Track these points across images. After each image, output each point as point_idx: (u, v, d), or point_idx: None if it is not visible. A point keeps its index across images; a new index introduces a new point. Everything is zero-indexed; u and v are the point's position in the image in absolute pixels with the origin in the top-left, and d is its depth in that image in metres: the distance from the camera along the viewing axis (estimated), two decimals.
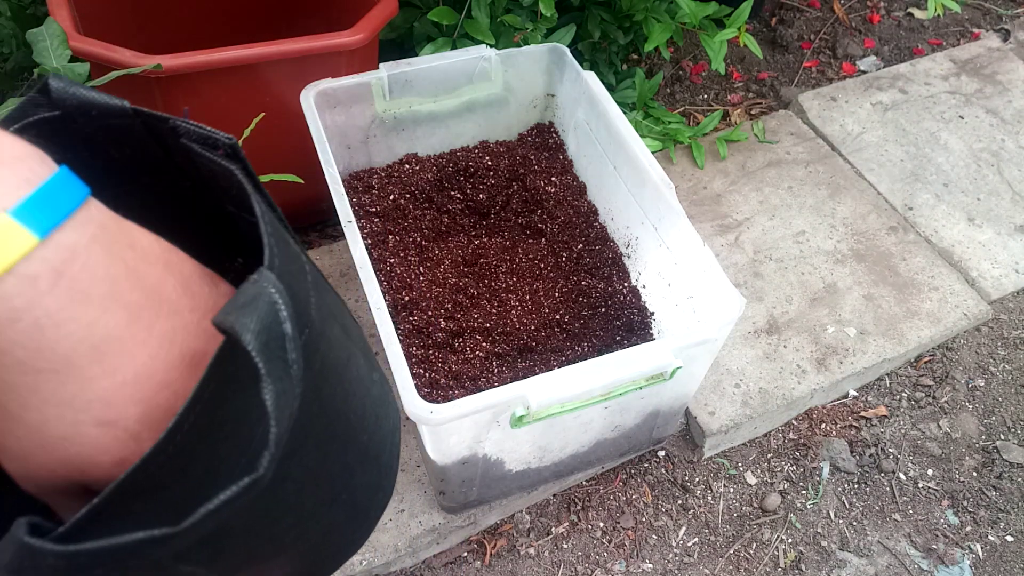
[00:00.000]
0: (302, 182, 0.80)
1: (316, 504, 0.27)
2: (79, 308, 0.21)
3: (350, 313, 0.33)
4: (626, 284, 0.94)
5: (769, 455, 0.98)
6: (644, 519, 0.92)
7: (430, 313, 0.86)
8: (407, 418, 0.64)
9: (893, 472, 0.97)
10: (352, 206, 0.92)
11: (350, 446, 0.28)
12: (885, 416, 1.02)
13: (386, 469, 0.33)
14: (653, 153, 1.00)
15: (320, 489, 0.27)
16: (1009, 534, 0.93)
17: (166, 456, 0.22)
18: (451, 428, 0.67)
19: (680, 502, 0.93)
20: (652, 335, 0.91)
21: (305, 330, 0.25)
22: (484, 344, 0.86)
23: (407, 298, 0.87)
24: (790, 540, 0.91)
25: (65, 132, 0.27)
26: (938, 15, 1.21)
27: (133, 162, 0.29)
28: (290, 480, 0.25)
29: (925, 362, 1.07)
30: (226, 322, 0.21)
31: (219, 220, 0.32)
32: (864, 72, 1.45)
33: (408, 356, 0.82)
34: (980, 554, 0.91)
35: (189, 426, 0.22)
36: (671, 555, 0.89)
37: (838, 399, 1.03)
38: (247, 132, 0.74)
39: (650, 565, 0.88)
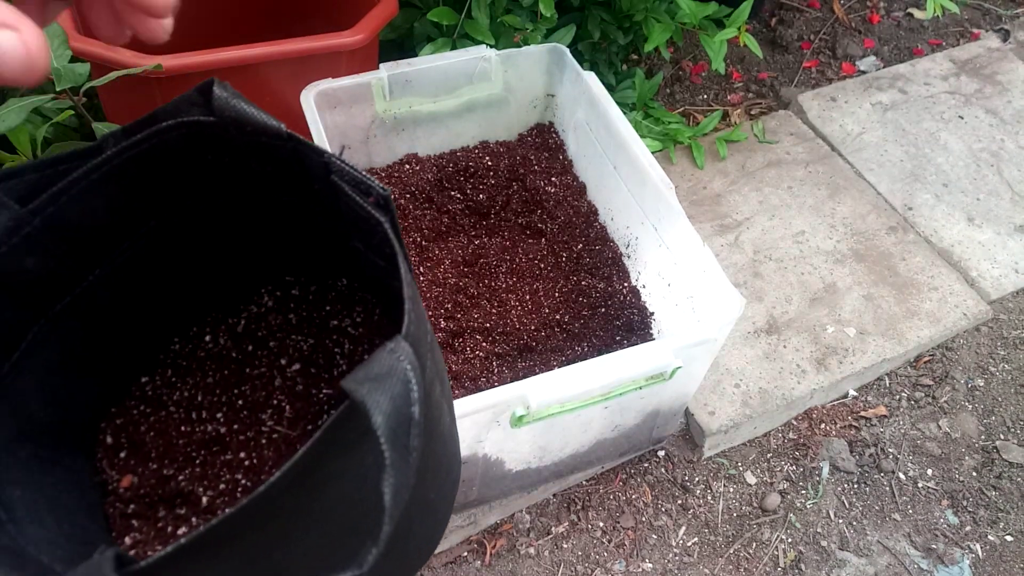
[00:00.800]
0: None
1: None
2: None
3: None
4: (626, 284, 0.94)
5: (769, 455, 0.98)
6: (644, 519, 0.92)
7: (430, 313, 0.86)
8: None
9: (893, 472, 0.97)
10: None
11: (419, 502, 0.28)
12: (885, 416, 1.02)
13: (442, 521, 0.33)
14: (653, 153, 1.00)
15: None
16: (1009, 534, 0.93)
17: (262, 504, 0.22)
18: None
19: (680, 502, 0.93)
20: (652, 335, 0.91)
21: None
22: (484, 344, 0.86)
23: None
24: (790, 540, 0.91)
25: (215, 137, 0.28)
26: (937, 15, 1.21)
27: (272, 178, 0.30)
28: None
29: (925, 362, 1.07)
30: (358, 393, 0.21)
31: (335, 243, 0.31)
32: (864, 72, 1.46)
33: None
34: (980, 554, 0.91)
35: (289, 482, 0.22)
36: (671, 555, 0.89)
37: (838, 399, 1.03)
38: None
39: (650, 565, 0.88)
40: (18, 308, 0.30)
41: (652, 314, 0.92)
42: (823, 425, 1.01)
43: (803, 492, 0.95)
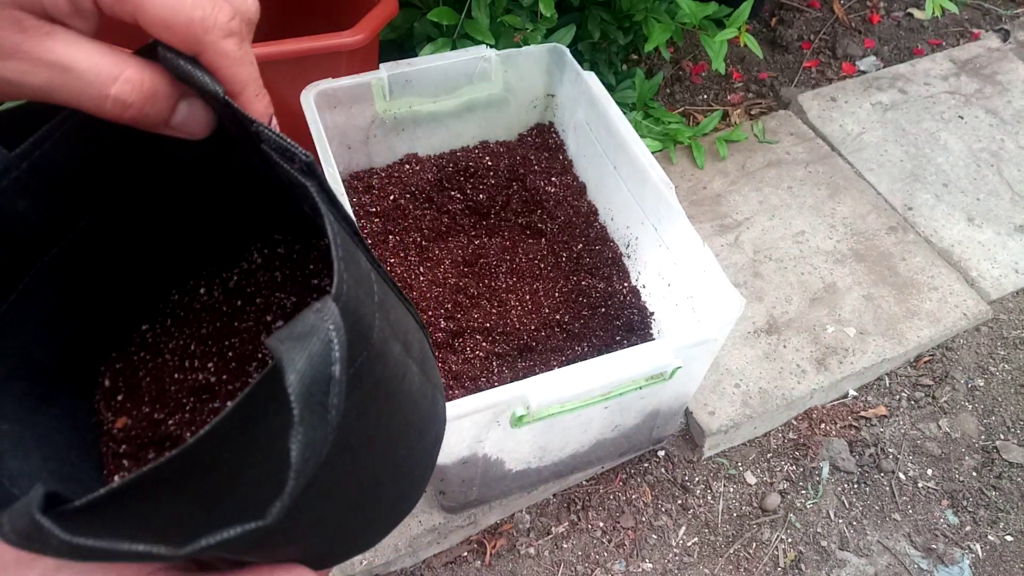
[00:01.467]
0: None
1: (338, 510, 0.28)
2: None
3: (417, 322, 0.33)
4: (626, 284, 0.94)
5: (769, 455, 0.98)
6: (644, 519, 0.92)
7: (430, 313, 0.86)
8: None
9: (893, 472, 0.97)
10: (352, 206, 0.92)
11: (385, 460, 0.28)
12: (885, 416, 1.02)
13: (418, 481, 0.33)
14: (653, 153, 1.00)
15: (346, 498, 0.27)
16: (1009, 534, 0.93)
17: (197, 455, 0.22)
18: (451, 428, 0.67)
19: (680, 502, 0.93)
20: (652, 335, 0.91)
21: (363, 353, 0.25)
22: (484, 344, 0.86)
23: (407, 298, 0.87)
24: (790, 540, 0.91)
25: None
26: (937, 15, 1.21)
27: (232, 137, 0.30)
28: (315, 488, 0.24)
29: (925, 362, 1.07)
30: (277, 350, 0.21)
31: (296, 207, 0.32)
32: (864, 72, 1.46)
33: None
34: (980, 554, 0.91)
35: (225, 432, 0.22)
36: (671, 555, 0.89)
37: (838, 399, 1.03)
38: None
39: (650, 565, 0.88)
40: (14, 252, 0.31)
41: (652, 314, 0.92)
42: (823, 425, 1.00)
43: (803, 492, 0.95)
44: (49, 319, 0.34)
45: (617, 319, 0.90)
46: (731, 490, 0.95)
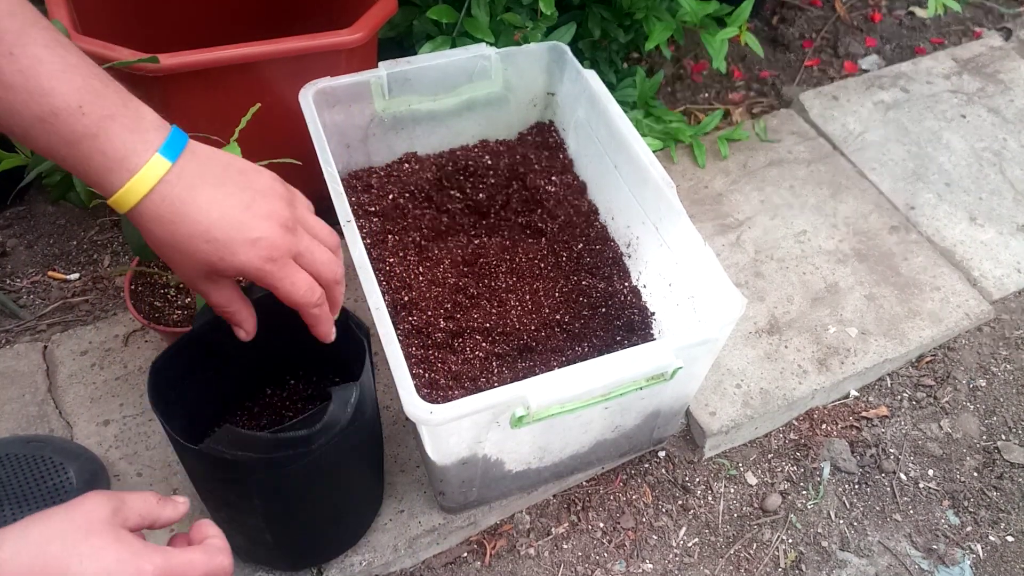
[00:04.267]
0: (300, 163, 0.79)
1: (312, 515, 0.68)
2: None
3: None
4: (626, 284, 0.94)
5: (770, 455, 0.98)
6: (644, 519, 0.91)
7: (430, 313, 0.86)
8: (407, 419, 0.63)
9: (894, 472, 0.97)
10: (351, 205, 0.92)
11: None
12: (886, 416, 1.01)
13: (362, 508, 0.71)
14: (654, 152, 1.00)
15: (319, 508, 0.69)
16: (1010, 534, 0.93)
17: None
18: (451, 428, 0.67)
19: (680, 502, 0.93)
20: (653, 335, 0.90)
21: (358, 416, 0.62)
22: (484, 344, 0.85)
23: (406, 298, 0.87)
24: (791, 540, 0.91)
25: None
26: (939, 14, 1.21)
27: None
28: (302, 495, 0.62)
29: (926, 362, 1.07)
30: (334, 392, 0.54)
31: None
32: (866, 71, 1.45)
33: (407, 356, 0.82)
34: (981, 554, 0.91)
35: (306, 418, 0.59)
36: (671, 555, 0.89)
37: (839, 399, 1.03)
38: (243, 123, 0.74)
39: (650, 565, 0.88)
40: (207, 355, 0.67)
41: (653, 314, 0.91)
42: (824, 425, 1.00)
43: (804, 493, 0.95)
44: (202, 387, 0.68)
45: (618, 319, 0.90)
46: (732, 491, 0.94)
